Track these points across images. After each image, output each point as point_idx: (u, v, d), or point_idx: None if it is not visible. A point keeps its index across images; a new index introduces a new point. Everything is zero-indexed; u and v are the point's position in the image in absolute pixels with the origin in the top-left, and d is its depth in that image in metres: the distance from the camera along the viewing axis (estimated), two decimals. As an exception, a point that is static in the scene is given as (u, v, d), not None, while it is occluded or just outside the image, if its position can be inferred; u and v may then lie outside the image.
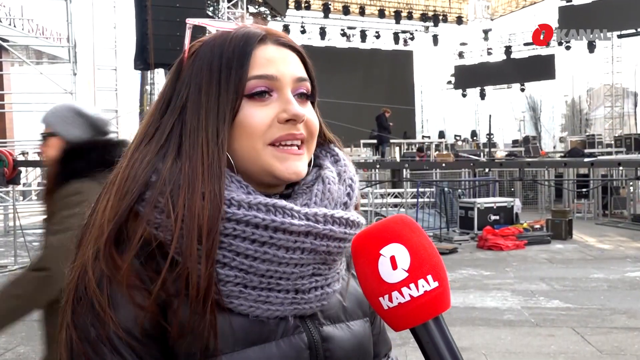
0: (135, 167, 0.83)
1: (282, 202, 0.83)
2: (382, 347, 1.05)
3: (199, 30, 0.94)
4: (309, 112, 0.90)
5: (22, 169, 10.58)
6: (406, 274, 0.70)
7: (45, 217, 2.19)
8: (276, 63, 0.88)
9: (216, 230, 0.79)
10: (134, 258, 0.78)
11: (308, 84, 0.91)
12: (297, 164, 0.88)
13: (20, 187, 14.69)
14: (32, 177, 16.87)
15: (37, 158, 15.45)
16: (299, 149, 0.88)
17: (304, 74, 0.91)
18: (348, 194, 0.93)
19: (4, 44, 15.16)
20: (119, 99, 16.12)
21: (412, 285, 0.69)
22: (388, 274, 0.70)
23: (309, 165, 0.93)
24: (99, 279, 0.78)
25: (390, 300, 0.70)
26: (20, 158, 13.24)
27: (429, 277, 0.70)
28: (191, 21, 0.92)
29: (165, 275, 0.78)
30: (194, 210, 0.78)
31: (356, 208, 0.94)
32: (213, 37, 0.90)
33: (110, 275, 0.77)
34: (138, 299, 0.77)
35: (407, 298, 0.69)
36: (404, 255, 0.70)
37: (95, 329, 0.77)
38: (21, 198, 16.50)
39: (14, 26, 17.23)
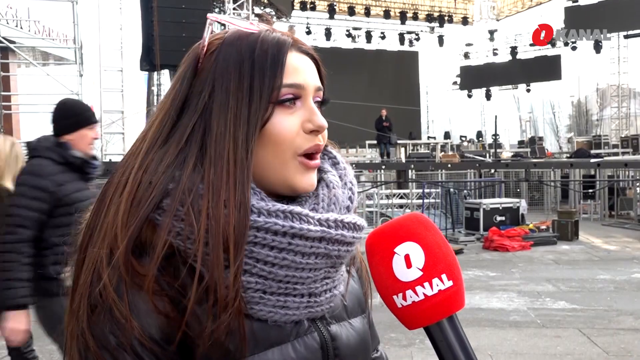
0: (151, 171, 0.81)
1: (298, 209, 0.83)
2: (372, 341, 1.06)
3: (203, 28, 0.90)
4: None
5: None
6: (421, 273, 0.70)
7: None
8: (303, 71, 0.88)
9: (244, 241, 0.78)
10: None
11: (321, 93, 0.92)
12: (314, 177, 0.89)
13: (26, 188, 14.71)
14: (38, 178, 16.91)
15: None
16: (315, 160, 0.89)
17: (320, 83, 0.92)
18: (350, 198, 0.93)
19: (11, 46, 15.21)
20: (125, 100, 16.13)
21: (426, 284, 0.69)
22: (402, 273, 0.70)
23: None
24: (117, 286, 0.76)
25: (405, 298, 0.70)
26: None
27: (444, 276, 0.70)
28: (212, 17, 0.88)
29: (195, 285, 0.77)
30: (219, 221, 0.77)
31: (354, 211, 0.95)
32: (236, 37, 0.87)
33: (132, 282, 0.76)
34: (159, 305, 0.77)
35: (422, 297, 0.69)
36: (419, 254, 0.70)
37: (116, 336, 0.76)
38: (28, 198, 16.53)
39: (21, 27, 17.29)
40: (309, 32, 27.85)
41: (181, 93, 0.87)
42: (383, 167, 14.15)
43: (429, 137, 27.60)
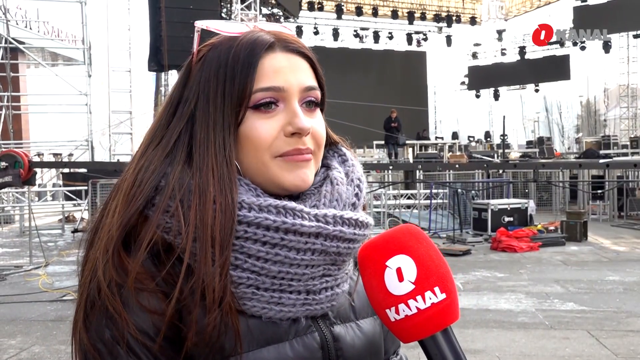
0: (142, 172, 0.83)
1: (292, 204, 0.83)
2: (390, 344, 1.04)
3: (207, 33, 0.90)
4: (316, 123, 0.89)
5: (38, 170, 10.67)
6: (413, 286, 0.69)
7: None
8: (284, 73, 0.86)
9: (230, 238, 0.79)
10: (148, 260, 0.79)
11: (317, 92, 0.89)
12: (305, 172, 0.87)
13: (35, 188, 14.82)
14: (47, 178, 17.03)
15: (52, 159, 15.61)
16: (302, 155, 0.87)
17: (313, 82, 0.89)
18: (356, 195, 0.92)
19: (20, 46, 15.32)
20: (133, 100, 16.23)
21: (418, 298, 0.68)
22: (394, 286, 0.69)
23: None
24: (110, 283, 0.78)
25: (397, 312, 0.69)
26: (36, 159, 13.34)
27: (436, 289, 0.69)
28: (199, 24, 0.89)
29: (181, 279, 0.78)
30: (206, 220, 0.78)
31: (364, 208, 0.94)
32: (221, 42, 0.88)
33: (120, 280, 0.78)
34: (153, 301, 0.78)
35: (414, 310, 0.68)
36: (411, 267, 0.69)
37: (110, 330, 0.77)
38: (36, 199, 16.65)
39: (30, 28, 17.42)
40: (316, 33, 27.86)
41: (173, 100, 0.89)
42: (390, 167, 14.11)
43: (436, 138, 27.53)
